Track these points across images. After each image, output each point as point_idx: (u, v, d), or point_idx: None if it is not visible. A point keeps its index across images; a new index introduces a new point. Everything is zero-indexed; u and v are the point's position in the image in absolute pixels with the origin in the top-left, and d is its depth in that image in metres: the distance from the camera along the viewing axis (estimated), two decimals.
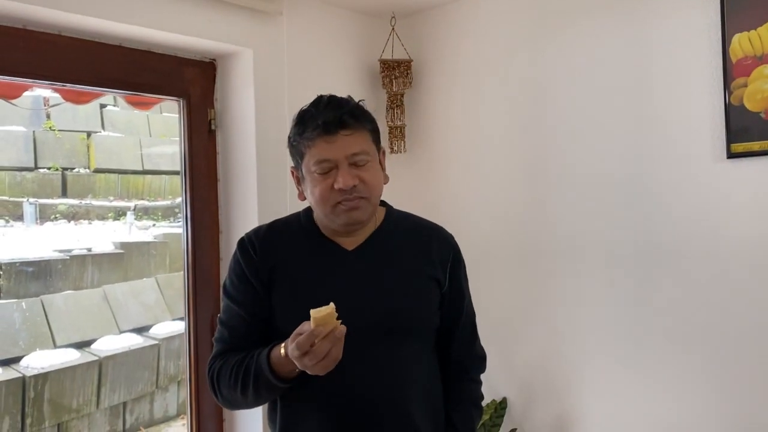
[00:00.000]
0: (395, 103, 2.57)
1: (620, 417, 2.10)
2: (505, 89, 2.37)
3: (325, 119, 1.25)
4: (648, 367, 2.04)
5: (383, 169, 1.36)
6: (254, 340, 1.32)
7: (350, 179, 1.25)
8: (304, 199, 1.35)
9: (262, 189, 2.20)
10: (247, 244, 1.37)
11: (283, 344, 1.20)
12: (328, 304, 1.14)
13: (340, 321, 1.12)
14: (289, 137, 1.34)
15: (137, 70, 2.09)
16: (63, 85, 1.99)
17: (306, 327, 1.13)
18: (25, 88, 2.22)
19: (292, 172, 1.38)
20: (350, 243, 1.35)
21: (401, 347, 1.31)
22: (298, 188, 1.36)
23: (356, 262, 1.32)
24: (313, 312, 1.11)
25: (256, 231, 1.40)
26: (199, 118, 2.28)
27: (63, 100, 2.42)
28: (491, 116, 2.41)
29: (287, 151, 1.25)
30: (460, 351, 1.43)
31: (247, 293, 1.33)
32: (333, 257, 1.33)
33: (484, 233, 2.42)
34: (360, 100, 1.34)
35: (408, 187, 2.60)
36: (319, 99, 1.31)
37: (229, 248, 2.29)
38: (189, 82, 2.24)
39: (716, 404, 1.91)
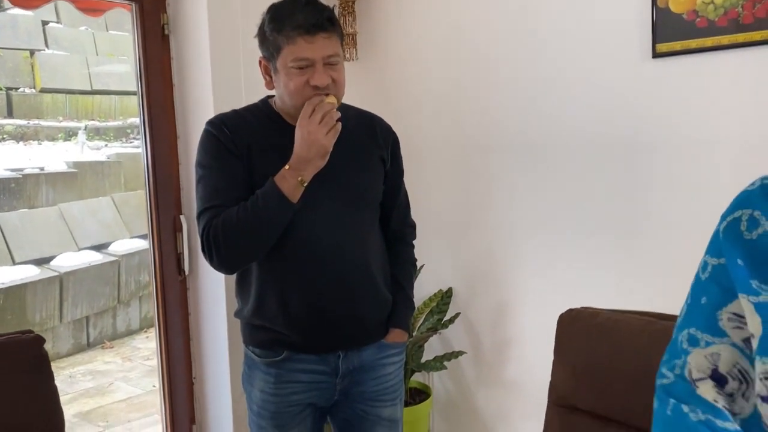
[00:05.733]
0: (346, 9, 2.62)
1: (556, 302, 2.31)
2: None
3: (308, 21, 1.39)
4: (583, 256, 2.24)
5: None
6: (242, 199, 1.44)
7: (325, 78, 1.41)
8: (272, 87, 1.50)
9: (218, 92, 2.26)
10: (218, 123, 1.51)
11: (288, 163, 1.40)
12: None
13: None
14: (264, 30, 1.46)
15: None
16: None
17: None
18: None
19: (260, 62, 1.51)
20: None
21: (359, 216, 1.54)
22: (265, 78, 1.51)
23: None
24: None
25: (223, 114, 1.55)
26: (152, 24, 2.30)
27: (10, 5, 2.40)
28: (445, 21, 2.50)
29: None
30: (398, 221, 1.69)
31: (229, 161, 1.47)
32: None
33: (435, 134, 2.55)
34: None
35: (359, 96, 2.68)
36: None
37: (187, 153, 2.37)
38: None
39: (650, 291, 2.13)
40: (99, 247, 4.81)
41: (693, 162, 1.99)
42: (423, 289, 2.52)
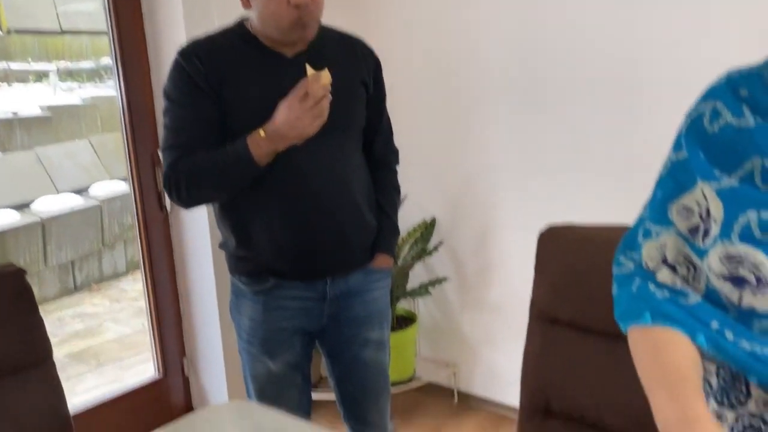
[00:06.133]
0: None
1: (538, 226, 2.34)
2: None
3: None
4: (565, 178, 2.25)
5: None
6: (209, 143, 1.45)
7: None
8: (249, 8, 1.45)
9: (189, 19, 2.20)
10: (190, 53, 1.47)
11: (261, 128, 1.39)
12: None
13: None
14: None
15: None
16: None
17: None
18: None
19: None
20: (289, 51, 1.49)
21: (342, 142, 1.53)
22: None
23: (299, 67, 1.45)
24: (308, 67, 1.36)
25: (195, 42, 1.50)
26: None
27: None
28: None
29: None
30: (381, 147, 1.68)
31: (198, 98, 1.44)
32: (276, 64, 1.47)
33: (416, 62, 2.51)
34: None
35: (335, 22, 2.62)
36: None
37: (161, 86, 2.31)
38: None
39: (634, 209, 2.15)
40: (79, 191, 4.75)
41: (679, 76, 1.98)
42: (406, 219, 2.53)
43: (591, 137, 2.17)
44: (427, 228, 2.57)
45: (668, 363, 0.71)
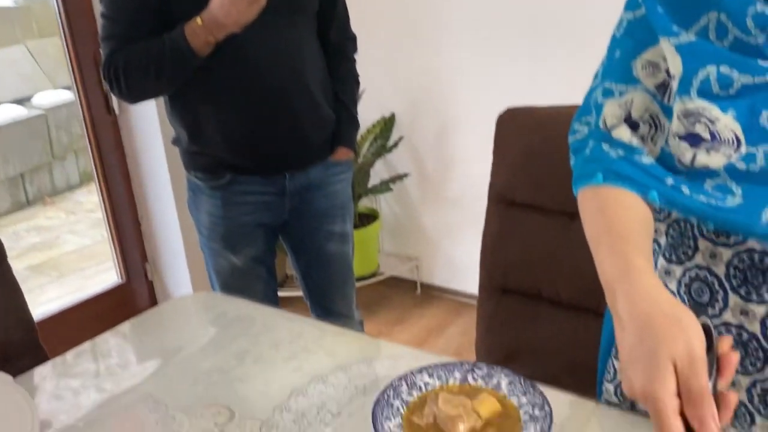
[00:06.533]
0: None
1: (494, 119, 2.34)
2: None
3: None
4: (527, 65, 2.23)
5: None
6: (149, 31, 1.38)
7: None
8: None
9: None
10: None
11: (198, 16, 1.33)
12: None
13: None
14: None
15: None
16: None
17: None
18: None
19: None
20: None
21: (294, 28, 1.46)
22: None
23: None
24: None
25: None
26: None
27: None
28: None
29: None
30: (337, 33, 1.60)
31: None
32: None
33: None
34: None
35: None
36: None
37: None
38: None
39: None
40: (21, 101, 4.53)
41: None
42: (365, 116, 2.47)
43: (547, 21, 2.14)
44: (386, 124, 2.55)
45: (613, 220, 0.71)
